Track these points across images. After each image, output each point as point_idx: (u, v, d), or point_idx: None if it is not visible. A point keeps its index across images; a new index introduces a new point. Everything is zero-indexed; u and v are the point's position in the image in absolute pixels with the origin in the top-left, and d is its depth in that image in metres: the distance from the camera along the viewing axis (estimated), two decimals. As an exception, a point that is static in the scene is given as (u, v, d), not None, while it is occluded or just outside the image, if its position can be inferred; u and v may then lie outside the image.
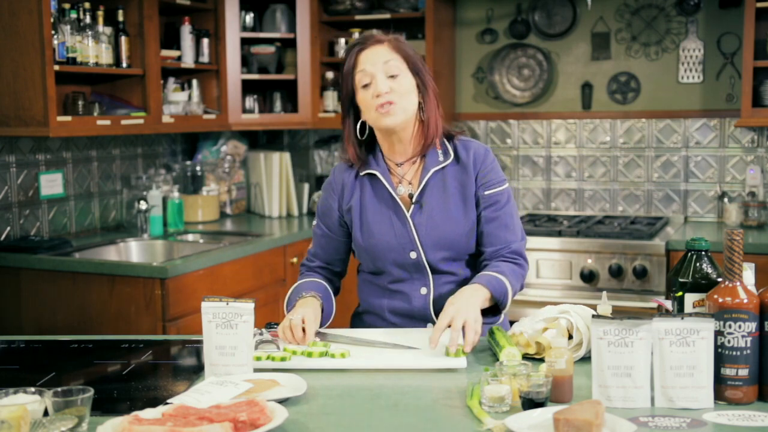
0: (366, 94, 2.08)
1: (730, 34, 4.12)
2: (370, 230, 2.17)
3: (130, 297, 3.26)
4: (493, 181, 2.17)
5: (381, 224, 2.16)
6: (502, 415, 1.56)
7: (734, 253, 1.64)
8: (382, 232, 2.15)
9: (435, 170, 2.15)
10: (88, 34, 3.49)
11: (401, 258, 2.15)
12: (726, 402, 1.64)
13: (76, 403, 1.50)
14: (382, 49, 2.08)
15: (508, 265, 2.13)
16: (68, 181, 3.89)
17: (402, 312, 2.20)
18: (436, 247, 2.14)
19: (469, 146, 2.19)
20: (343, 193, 2.21)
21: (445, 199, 2.15)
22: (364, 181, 2.19)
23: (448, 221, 2.14)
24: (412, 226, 2.14)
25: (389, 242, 2.15)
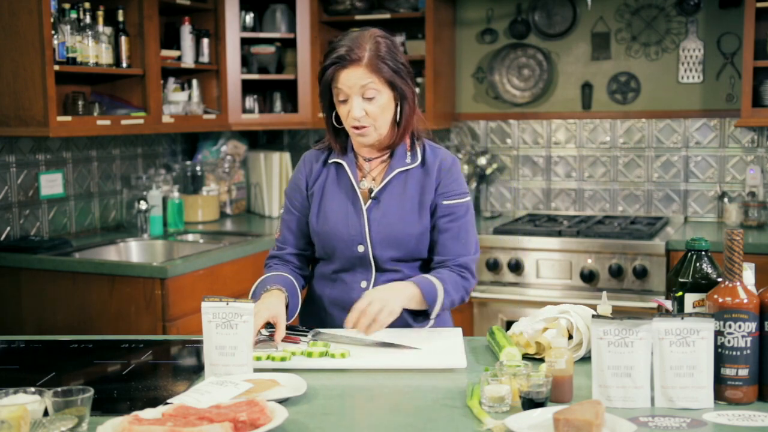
0: (343, 110, 2.11)
1: (730, 34, 4.12)
2: (325, 216, 2.20)
3: (130, 297, 3.26)
4: (454, 192, 2.19)
5: (337, 213, 2.18)
6: (502, 415, 1.56)
7: (734, 253, 1.64)
8: (336, 221, 2.18)
9: (400, 170, 2.19)
10: (88, 34, 3.49)
11: (349, 249, 2.17)
12: (726, 402, 1.64)
13: (76, 403, 1.50)
14: (360, 71, 2.07)
15: (451, 275, 2.15)
16: (68, 181, 3.89)
17: (340, 302, 2.20)
18: (385, 244, 2.16)
19: (438, 153, 2.22)
20: (310, 176, 2.24)
21: (402, 199, 2.17)
22: (331, 169, 2.23)
23: (400, 220, 2.16)
24: (366, 220, 2.16)
25: (341, 231, 2.17)
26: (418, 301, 2.06)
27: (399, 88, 2.12)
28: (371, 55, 2.08)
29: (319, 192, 2.22)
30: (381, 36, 2.12)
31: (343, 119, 2.13)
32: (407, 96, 2.15)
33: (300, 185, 2.25)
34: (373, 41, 2.09)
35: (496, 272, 3.87)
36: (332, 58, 2.09)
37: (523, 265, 3.84)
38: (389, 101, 2.12)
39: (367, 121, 2.10)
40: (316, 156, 2.26)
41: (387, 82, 2.10)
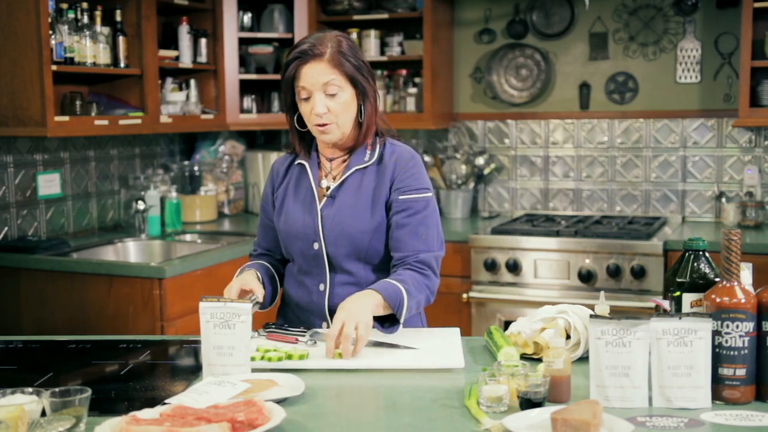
0: (306, 107, 2.12)
1: (727, 34, 4.12)
2: (286, 216, 2.22)
3: (128, 297, 3.26)
4: (411, 187, 2.16)
5: (295, 212, 2.21)
6: (500, 415, 1.56)
7: (732, 253, 1.65)
8: (294, 219, 2.20)
9: (357, 168, 2.18)
10: (86, 34, 3.49)
11: (306, 248, 2.18)
12: (724, 402, 1.65)
13: (73, 404, 1.50)
14: (322, 66, 2.08)
15: (411, 274, 2.10)
16: (66, 181, 3.89)
17: (303, 305, 2.23)
18: (338, 241, 2.15)
19: (395, 150, 2.21)
20: (276, 180, 2.29)
21: (357, 196, 2.17)
22: (295, 171, 2.26)
23: (352, 217, 2.15)
24: (320, 217, 2.17)
25: (297, 230, 2.19)
26: (384, 307, 2.02)
27: (360, 86, 2.13)
28: (333, 51, 2.09)
29: (282, 194, 2.25)
30: (342, 36, 2.15)
31: (306, 118, 2.13)
32: (369, 95, 2.15)
33: (268, 193, 2.30)
34: (334, 39, 2.12)
35: (494, 272, 3.87)
36: (294, 53, 2.10)
37: (521, 265, 3.84)
38: (351, 99, 2.12)
39: (330, 117, 2.10)
40: (282, 161, 2.31)
41: (349, 78, 2.11)
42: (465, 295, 3.89)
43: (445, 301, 3.95)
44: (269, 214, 2.30)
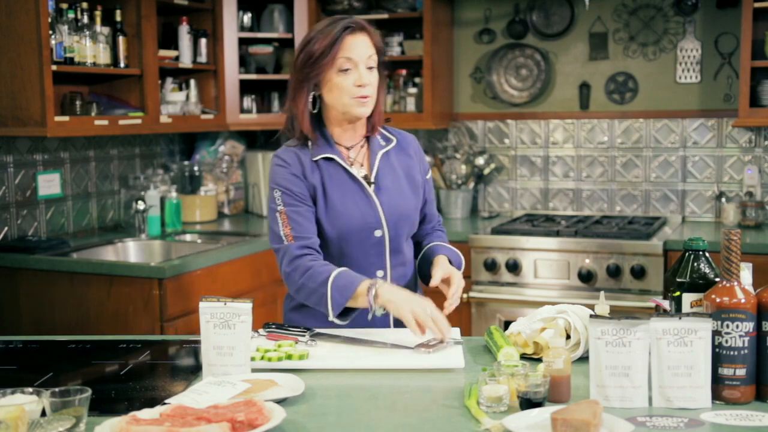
0: (345, 80, 2.09)
1: (727, 34, 4.12)
2: (337, 213, 2.15)
3: (128, 297, 3.26)
4: (427, 166, 2.37)
5: (347, 206, 2.16)
6: (500, 415, 1.56)
7: (732, 253, 1.65)
8: (350, 214, 2.15)
9: (383, 153, 2.24)
10: (86, 34, 3.49)
11: (366, 237, 2.17)
12: (724, 402, 1.65)
13: (73, 404, 1.50)
14: (367, 40, 2.12)
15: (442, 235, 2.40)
16: (66, 181, 3.89)
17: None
18: (398, 224, 2.20)
19: (403, 133, 2.33)
20: (304, 171, 2.16)
21: (395, 179, 2.23)
22: (320, 165, 2.17)
23: (403, 198, 2.23)
24: (378, 204, 2.18)
25: (357, 223, 2.16)
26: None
27: (381, 69, 2.19)
28: (372, 29, 2.16)
29: (320, 190, 2.16)
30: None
31: (344, 91, 2.09)
32: (383, 78, 2.22)
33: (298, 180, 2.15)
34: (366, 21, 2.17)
35: (494, 272, 3.87)
36: (341, 25, 2.09)
37: (520, 265, 3.84)
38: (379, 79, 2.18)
39: (370, 90, 2.12)
40: (297, 154, 2.18)
41: (379, 61, 2.17)
42: (465, 295, 3.89)
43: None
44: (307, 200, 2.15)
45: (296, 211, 2.14)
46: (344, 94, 2.10)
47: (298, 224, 2.13)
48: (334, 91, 2.11)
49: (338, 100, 2.12)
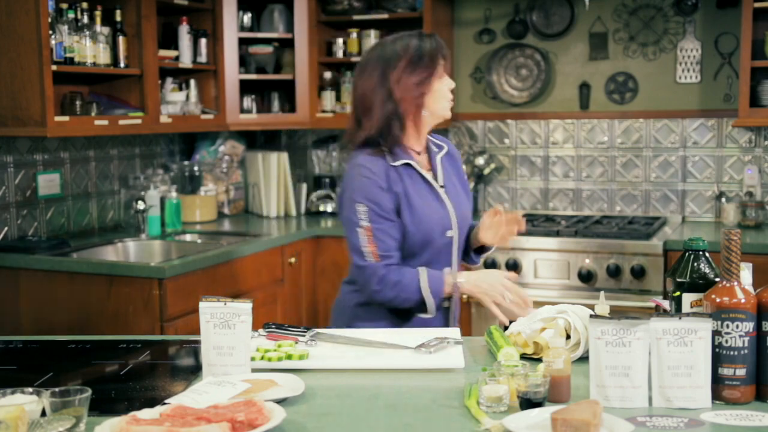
0: (443, 86, 2.31)
1: (727, 34, 4.12)
2: (420, 217, 2.28)
3: (128, 297, 3.26)
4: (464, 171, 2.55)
5: (427, 209, 2.30)
6: (500, 415, 1.57)
7: (732, 253, 1.65)
8: (431, 217, 2.30)
9: (440, 157, 2.41)
10: (86, 34, 3.49)
11: (440, 237, 2.32)
12: (724, 402, 1.65)
13: (73, 404, 1.50)
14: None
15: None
16: (66, 181, 3.89)
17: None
18: (462, 224, 2.39)
19: (446, 140, 2.51)
20: (389, 181, 2.26)
21: (452, 183, 2.41)
22: (401, 171, 2.29)
23: (464, 201, 2.43)
24: (450, 206, 2.34)
25: (435, 223, 2.30)
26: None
27: None
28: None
29: (403, 195, 2.27)
30: None
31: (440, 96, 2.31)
32: None
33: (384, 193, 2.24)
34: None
35: (494, 272, 3.87)
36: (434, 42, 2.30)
37: (521, 265, 3.84)
38: None
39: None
40: (381, 162, 2.27)
41: None
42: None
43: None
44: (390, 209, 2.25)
45: (381, 228, 2.24)
46: (442, 99, 2.32)
47: (383, 242, 2.25)
48: (436, 96, 2.30)
49: (437, 104, 2.31)
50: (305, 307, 4.13)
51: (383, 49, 2.28)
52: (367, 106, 2.28)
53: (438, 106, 2.31)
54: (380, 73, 2.26)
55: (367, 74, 2.28)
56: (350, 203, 2.24)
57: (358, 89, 2.31)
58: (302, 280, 4.10)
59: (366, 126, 2.28)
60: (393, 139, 2.27)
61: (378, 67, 2.26)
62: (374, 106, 2.26)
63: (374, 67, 2.27)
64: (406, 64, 2.25)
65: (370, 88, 2.27)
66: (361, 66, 2.32)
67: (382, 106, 2.25)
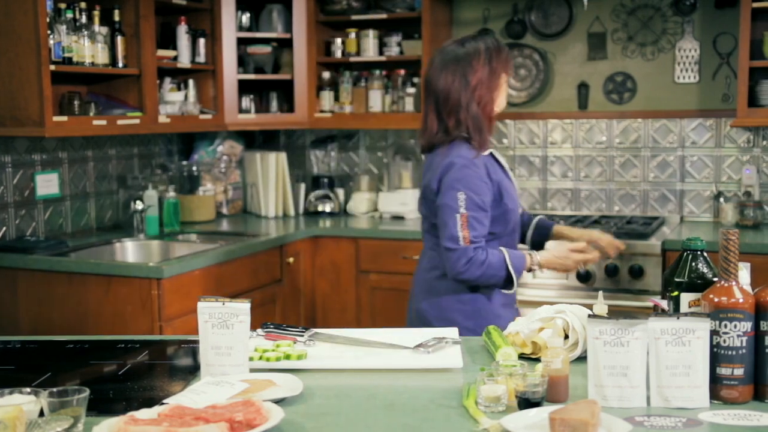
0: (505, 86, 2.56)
1: (725, 34, 4.12)
2: (512, 197, 2.57)
3: (127, 297, 3.26)
4: None
5: (512, 191, 2.59)
6: (498, 415, 1.57)
7: (730, 252, 1.65)
8: (514, 197, 2.60)
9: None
10: (84, 33, 3.49)
11: (515, 216, 2.60)
12: (722, 401, 1.65)
13: (71, 404, 1.49)
14: None
15: None
16: (64, 181, 3.89)
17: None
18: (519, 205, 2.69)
19: None
20: (488, 172, 2.51)
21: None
22: (488, 160, 2.55)
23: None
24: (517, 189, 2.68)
25: (515, 205, 2.59)
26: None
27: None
28: None
29: (497, 182, 2.52)
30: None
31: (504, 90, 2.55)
32: None
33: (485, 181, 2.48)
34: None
35: (492, 272, 3.86)
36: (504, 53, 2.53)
37: (519, 265, 3.83)
38: None
39: None
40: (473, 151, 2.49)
41: None
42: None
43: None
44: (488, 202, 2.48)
45: (476, 216, 2.44)
46: (504, 93, 2.56)
47: (475, 229, 2.44)
48: (501, 91, 2.54)
49: (502, 98, 2.55)
50: (303, 307, 4.13)
51: (456, 52, 2.48)
52: (453, 105, 2.48)
53: (502, 100, 2.56)
54: (461, 74, 2.47)
55: (446, 76, 2.48)
56: (451, 191, 2.44)
57: (439, 91, 2.49)
58: (301, 280, 4.10)
59: (453, 123, 2.49)
60: (482, 133, 2.50)
61: (457, 69, 2.47)
62: (460, 105, 2.47)
63: (453, 69, 2.48)
64: (483, 64, 2.47)
65: (454, 89, 2.48)
66: (437, 69, 2.51)
67: (468, 104, 2.48)
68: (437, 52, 2.56)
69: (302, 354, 1.94)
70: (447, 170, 2.45)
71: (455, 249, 2.42)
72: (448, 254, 2.44)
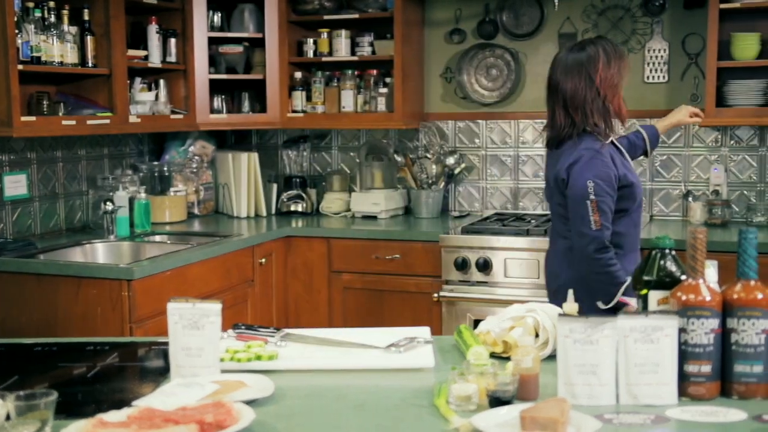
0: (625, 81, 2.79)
1: (694, 35, 4.17)
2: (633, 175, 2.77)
3: (97, 299, 3.23)
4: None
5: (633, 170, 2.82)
6: (469, 414, 1.57)
7: (697, 250, 1.67)
8: (636, 175, 2.81)
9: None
10: (53, 33, 3.45)
11: (641, 191, 2.83)
12: (689, 398, 1.67)
13: (39, 407, 1.48)
14: None
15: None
16: (33, 182, 3.85)
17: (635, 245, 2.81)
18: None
19: None
20: (614, 162, 2.72)
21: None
22: (614, 151, 2.78)
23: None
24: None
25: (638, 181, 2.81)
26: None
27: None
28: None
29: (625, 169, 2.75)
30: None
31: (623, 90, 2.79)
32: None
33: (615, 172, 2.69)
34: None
35: (464, 271, 3.88)
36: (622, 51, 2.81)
37: (491, 264, 3.85)
38: None
39: None
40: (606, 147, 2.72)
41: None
42: (436, 294, 3.90)
43: (416, 300, 3.96)
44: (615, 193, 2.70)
45: (604, 201, 2.66)
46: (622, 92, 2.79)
47: (605, 213, 2.66)
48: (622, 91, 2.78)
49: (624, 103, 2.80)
50: (276, 308, 4.12)
51: (579, 56, 2.73)
52: (579, 103, 2.71)
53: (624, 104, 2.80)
54: (585, 74, 2.70)
55: (572, 78, 2.72)
56: (581, 180, 2.67)
57: (567, 91, 2.73)
58: (273, 281, 4.09)
59: (580, 119, 2.72)
60: (607, 126, 2.73)
61: (582, 70, 2.71)
62: (586, 102, 2.71)
63: (578, 71, 2.71)
64: (604, 64, 2.71)
65: (580, 88, 2.71)
66: (563, 73, 2.75)
67: (593, 101, 2.71)
68: (559, 58, 2.81)
69: (273, 355, 1.93)
70: (576, 161, 2.69)
71: (587, 233, 2.66)
72: (580, 239, 2.68)
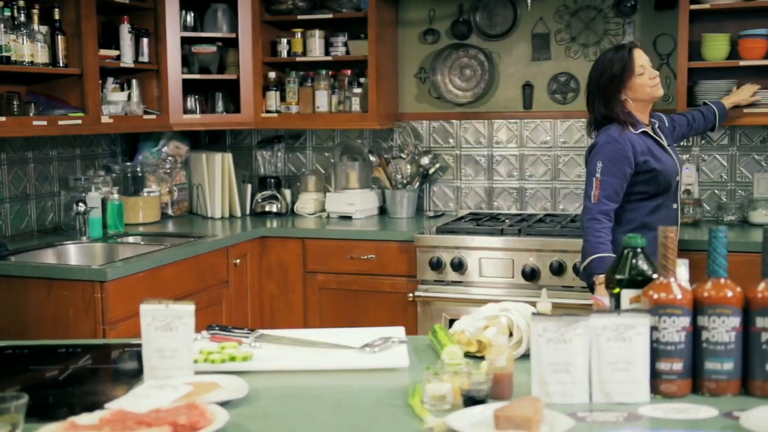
0: (643, 78, 3.08)
1: (665, 36, 4.21)
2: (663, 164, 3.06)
3: (69, 301, 3.20)
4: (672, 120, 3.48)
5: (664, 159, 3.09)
6: (444, 414, 1.58)
7: (668, 249, 1.68)
8: (667, 164, 3.09)
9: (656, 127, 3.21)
10: (23, 32, 3.42)
11: (673, 181, 3.11)
12: (661, 396, 1.68)
13: (9, 410, 1.46)
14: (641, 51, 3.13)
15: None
16: (3, 183, 3.81)
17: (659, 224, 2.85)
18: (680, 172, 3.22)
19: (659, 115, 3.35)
20: (633, 147, 3.00)
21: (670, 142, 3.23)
22: (641, 137, 3.07)
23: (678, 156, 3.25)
24: (675, 158, 3.16)
25: (671, 171, 3.10)
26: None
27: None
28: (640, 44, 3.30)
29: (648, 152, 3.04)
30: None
31: (643, 85, 3.07)
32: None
33: (629, 155, 2.99)
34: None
35: (439, 271, 3.89)
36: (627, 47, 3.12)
37: (465, 263, 3.86)
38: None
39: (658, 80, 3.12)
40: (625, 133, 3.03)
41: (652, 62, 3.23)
42: (411, 294, 3.90)
43: (391, 300, 3.97)
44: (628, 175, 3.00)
45: (608, 181, 2.98)
46: (646, 87, 3.08)
47: (605, 190, 2.98)
48: (639, 87, 3.07)
49: (644, 92, 3.08)
50: (251, 309, 4.10)
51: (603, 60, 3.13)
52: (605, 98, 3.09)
53: (644, 92, 3.08)
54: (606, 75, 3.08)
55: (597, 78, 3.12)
56: (594, 161, 3.02)
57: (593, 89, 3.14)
58: (248, 282, 4.07)
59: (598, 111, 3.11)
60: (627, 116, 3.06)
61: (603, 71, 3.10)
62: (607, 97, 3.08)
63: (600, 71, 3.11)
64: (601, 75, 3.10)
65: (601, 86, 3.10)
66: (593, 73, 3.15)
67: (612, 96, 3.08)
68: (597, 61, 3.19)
69: (247, 355, 1.92)
70: (594, 145, 3.07)
71: (587, 206, 3.02)
72: (584, 211, 3.05)
